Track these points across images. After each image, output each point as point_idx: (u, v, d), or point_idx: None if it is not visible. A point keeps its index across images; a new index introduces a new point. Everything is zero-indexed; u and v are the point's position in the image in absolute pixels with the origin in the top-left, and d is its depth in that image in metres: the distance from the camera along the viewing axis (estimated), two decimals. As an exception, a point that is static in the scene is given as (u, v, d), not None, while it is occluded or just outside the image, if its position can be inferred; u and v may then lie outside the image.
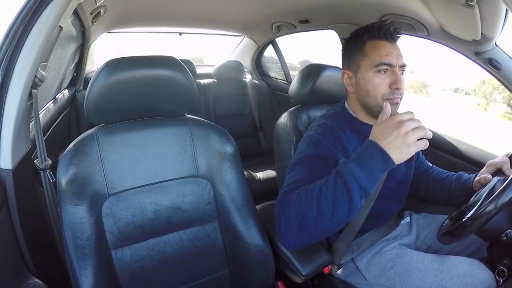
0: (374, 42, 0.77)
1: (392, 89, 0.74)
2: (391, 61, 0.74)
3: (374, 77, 0.75)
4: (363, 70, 0.77)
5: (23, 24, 0.66)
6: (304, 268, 0.80)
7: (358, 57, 0.78)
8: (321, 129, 0.80)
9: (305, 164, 0.73)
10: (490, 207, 0.62)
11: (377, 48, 0.76)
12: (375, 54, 0.75)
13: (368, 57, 0.76)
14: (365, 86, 0.77)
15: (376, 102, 0.76)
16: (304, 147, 0.77)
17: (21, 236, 0.69)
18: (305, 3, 1.40)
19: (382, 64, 0.74)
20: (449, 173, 0.93)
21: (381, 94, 0.75)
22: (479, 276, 0.69)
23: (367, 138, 0.60)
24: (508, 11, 0.79)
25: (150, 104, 0.75)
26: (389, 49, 0.75)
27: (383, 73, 0.75)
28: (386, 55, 0.74)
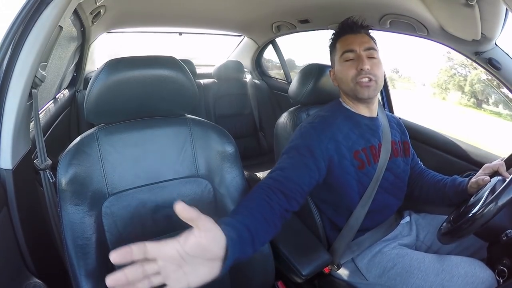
0: (342, 38, 0.89)
1: (358, 70, 0.82)
2: (352, 48, 0.84)
3: (343, 65, 0.86)
4: (337, 63, 0.89)
5: (23, 24, 0.66)
6: (304, 268, 0.80)
7: (333, 55, 0.92)
8: (312, 118, 0.86)
9: (290, 154, 0.78)
10: (490, 207, 0.62)
11: (343, 41, 0.88)
12: (342, 45, 0.87)
13: (338, 51, 0.88)
14: (339, 75, 0.88)
15: (348, 86, 0.85)
16: (293, 137, 0.82)
17: (21, 236, 0.69)
18: (305, 3, 1.40)
19: (345, 52, 0.85)
20: (443, 176, 0.95)
21: (350, 77, 0.84)
22: (479, 276, 0.69)
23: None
24: (508, 11, 0.79)
25: (150, 104, 0.75)
26: (351, 39, 0.86)
27: (351, 61, 0.84)
28: (348, 44, 0.86)
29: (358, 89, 0.83)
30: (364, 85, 0.82)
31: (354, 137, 0.84)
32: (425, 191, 0.96)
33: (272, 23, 1.85)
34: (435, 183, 0.94)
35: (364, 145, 0.85)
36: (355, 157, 0.82)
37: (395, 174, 0.89)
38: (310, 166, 0.76)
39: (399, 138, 0.95)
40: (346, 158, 0.81)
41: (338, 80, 0.90)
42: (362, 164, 0.83)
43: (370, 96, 0.84)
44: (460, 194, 0.85)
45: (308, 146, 0.77)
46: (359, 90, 0.83)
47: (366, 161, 0.83)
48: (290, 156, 0.77)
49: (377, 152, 0.86)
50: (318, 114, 0.88)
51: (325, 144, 0.79)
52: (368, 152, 0.85)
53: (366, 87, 0.82)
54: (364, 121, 0.88)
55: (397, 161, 0.90)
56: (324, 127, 0.82)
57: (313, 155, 0.76)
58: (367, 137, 0.86)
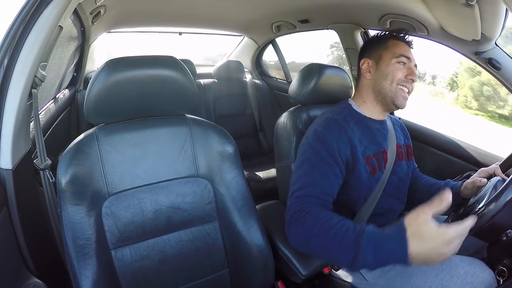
0: (396, 41, 0.87)
1: (407, 78, 0.83)
2: (410, 56, 0.84)
3: (395, 65, 0.84)
4: (385, 59, 0.85)
5: (23, 24, 0.66)
6: (304, 268, 0.80)
7: (381, 49, 0.87)
8: (326, 122, 0.82)
9: (314, 162, 0.75)
10: (490, 207, 0.62)
11: (398, 45, 0.86)
12: (397, 48, 0.85)
13: (390, 49, 0.85)
14: (385, 70, 0.84)
15: (392, 87, 0.83)
16: (311, 142, 0.79)
17: (21, 236, 0.69)
18: (305, 3, 1.40)
19: (403, 56, 0.83)
20: (437, 180, 0.96)
21: (397, 79, 0.82)
22: (479, 275, 0.69)
23: (403, 222, 0.53)
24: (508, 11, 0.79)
25: (150, 104, 0.75)
26: (407, 48, 0.86)
27: (402, 65, 0.83)
28: (405, 50, 0.85)
29: (398, 96, 0.83)
30: (405, 91, 0.83)
31: (365, 143, 0.83)
32: (419, 194, 0.96)
33: (272, 23, 1.85)
34: (429, 186, 0.94)
35: (376, 150, 0.84)
36: (367, 163, 0.81)
37: (399, 177, 0.89)
38: (337, 173, 0.76)
39: (403, 142, 0.95)
40: (360, 163, 0.80)
41: (379, 74, 0.85)
42: (373, 169, 0.82)
43: (402, 107, 0.85)
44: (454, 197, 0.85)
45: (330, 152, 0.76)
46: (399, 97, 0.83)
47: (377, 166, 0.83)
48: (315, 166, 0.75)
49: (387, 156, 0.86)
50: (331, 117, 0.83)
51: (344, 148, 0.78)
52: (380, 157, 0.84)
53: (404, 98, 0.84)
54: (375, 125, 0.87)
55: (401, 164, 0.90)
56: (340, 130, 0.80)
57: (337, 162, 0.76)
58: (379, 141, 0.86)
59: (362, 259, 0.55)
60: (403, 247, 0.51)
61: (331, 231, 0.60)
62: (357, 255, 0.55)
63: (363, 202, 0.83)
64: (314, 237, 0.63)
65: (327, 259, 0.67)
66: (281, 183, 1.04)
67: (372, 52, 0.89)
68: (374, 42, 0.90)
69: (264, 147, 2.14)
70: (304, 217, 0.66)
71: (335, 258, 0.63)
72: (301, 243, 0.67)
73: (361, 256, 0.55)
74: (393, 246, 0.52)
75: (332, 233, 0.60)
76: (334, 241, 0.59)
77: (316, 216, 0.65)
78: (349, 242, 0.57)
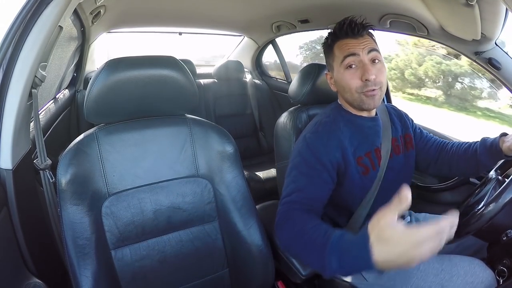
0: (339, 42, 0.80)
1: (363, 81, 0.75)
2: (355, 51, 0.76)
3: (345, 73, 0.78)
4: (336, 70, 0.81)
5: (23, 24, 0.66)
6: (304, 268, 0.80)
7: (330, 59, 0.83)
8: (315, 127, 0.81)
9: (301, 169, 0.74)
10: (490, 207, 0.62)
11: (342, 46, 0.79)
12: (340, 50, 0.79)
13: (336, 56, 0.80)
14: (340, 83, 0.80)
15: (352, 97, 0.79)
16: (300, 148, 0.78)
17: (21, 236, 0.69)
18: (305, 3, 1.39)
19: (347, 57, 0.77)
20: (469, 142, 0.88)
21: (354, 88, 0.77)
22: (479, 275, 0.69)
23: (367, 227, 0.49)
24: (508, 11, 0.79)
25: (150, 104, 0.75)
26: (352, 43, 0.78)
27: (353, 68, 0.77)
28: (349, 49, 0.77)
29: (364, 100, 0.77)
30: (369, 94, 0.76)
31: (356, 143, 0.81)
32: (455, 166, 0.88)
33: (272, 23, 1.85)
34: (463, 152, 0.87)
35: (368, 149, 0.82)
36: (359, 164, 0.80)
37: (396, 172, 0.86)
38: (326, 179, 0.74)
39: (400, 133, 0.90)
40: (352, 165, 0.78)
41: (339, 87, 0.82)
42: (366, 170, 0.80)
43: (376, 106, 0.79)
44: (495, 155, 0.79)
45: (319, 158, 0.74)
46: (365, 100, 0.77)
47: (370, 165, 0.81)
48: (302, 172, 0.74)
49: (380, 154, 0.84)
50: (320, 121, 0.82)
51: (333, 152, 0.76)
52: (373, 155, 0.82)
53: (371, 97, 0.76)
54: (366, 123, 0.84)
55: (398, 158, 0.87)
56: (330, 134, 0.78)
57: (326, 167, 0.74)
58: (372, 139, 0.83)
59: (328, 266, 0.52)
60: (366, 254, 0.47)
61: (304, 237, 0.59)
62: (323, 263, 0.53)
63: (359, 202, 0.82)
64: (292, 242, 0.62)
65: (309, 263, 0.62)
66: (281, 183, 1.04)
67: (328, 64, 0.86)
68: (325, 52, 0.86)
69: (264, 147, 2.15)
70: (286, 223, 0.66)
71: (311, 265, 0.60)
72: (286, 248, 0.67)
73: (327, 263, 0.52)
74: (356, 254, 0.49)
75: (304, 239, 0.59)
76: (306, 248, 0.58)
77: (294, 221, 0.65)
78: (317, 250, 0.55)
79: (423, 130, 0.96)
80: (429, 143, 0.94)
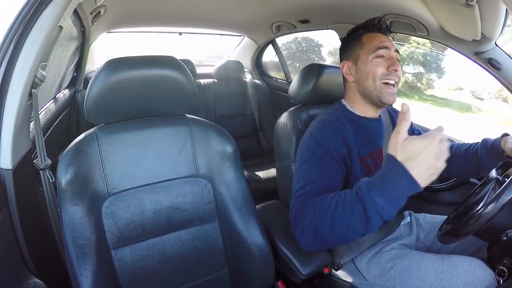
0: (370, 34, 0.83)
1: (389, 70, 0.79)
2: (387, 45, 0.81)
3: (374, 62, 0.81)
4: (363, 58, 0.82)
5: (23, 24, 0.66)
6: (304, 268, 0.80)
7: (357, 48, 0.84)
8: (320, 124, 0.81)
9: (312, 162, 0.74)
10: (490, 207, 0.62)
11: (373, 38, 0.83)
12: (372, 42, 0.82)
13: (366, 46, 0.82)
14: (365, 69, 0.82)
15: (375, 85, 0.80)
16: (307, 144, 0.78)
17: (21, 236, 0.69)
18: (305, 3, 1.40)
19: (379, 48, 0.80)
20: (470, 143, 0.88)
21: (379, 75, 0.80)
22: (479, 275, 0.69)
23: (388, 153, 0.52)
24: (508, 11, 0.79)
25: (150, 104, 0.75)
26: (383, 38, 0.83)
27: (381, 58, 0.80)
28: (382, 42, 0.81)
29: (384, 92, 0.79)
30: (390, 90, 0.79)
31: (360, 143, 0.81)
32: (455, 167, 0.89)
33: (272, 23, 1.85)
34: (464, 153, 0.88)
35: (371, 150, 0.83)
36: (362, 163, 0.81)
37: None
38: (337, 170, 0.74)
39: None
40: (356, 163, 0.79)
41: (360, 75, 0.82)
42: (368, 169, 0.81)
43: (393, 102, 0.81)
44: (497, 156, 0.80)
45: (327, 151, 0.75)
46: (385, 94, 0.79)
47: (372, 166, 0.82)
48: (313, 165, 0.73)
49: (382, 155, 0.84)
50: (325, 119, 0.83)
51: (340, 147, 0.77)
52: (375, 156, 0.83)
53: (391, 94, 0.79)
54: (370, 124, 0.85)
55: None
56: (335, 131, 0.79)
57: (335, 159, 0.75)
58: (375, 140, 0.84)
59: (373, 208, 0.52)
60: (405, 174, 0.49)
61: (331, 205, 0.59)
62: (365, 208, 0.52)
63: None
64: (319, 221, 0.60)
65: (341, 239, 0.59)
66: (281, 183, 1.04)
67: (350, 53, 0.86)
68: (350, 41, 0.87)
69: (264, 147, 2.15)
70: (304, 209, 0.64)
71: (348, 230, 0.56)
72: (312, 236, 0.62)
73: (369, 205, 0.52)
74: (395, 178, 0.50)
75: (333, 206, 0.58)
76: (337, 212, 0.57)
77: (313, 202, 0.63)
78: (352, 202, 0.55)
79: (421, 132, 0.97)
80: None
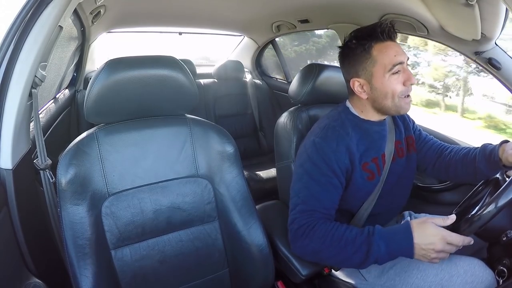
0: (379, 46, 0.75)
1: (407, 85, 0.76)
2: (401, 60, 0.75)
3: (391, 80, 0.75)
4: (378, 76, 0.76)
5: (23, 24, 0.66)
6: (304, 268, 0.80)
7: (368, 64, 0.77)
8: (323, 131, 0.79)
9: (314, 176, 0.75)
10: (490, 207, 0.62)
11: (385, 51, 0.75)
12: (385, 57, 0.75)
13: (379, 63, 0.75)
14: (383, 89, 0.76)
15: (394, 102, 0.77)
16: (309, 153, 0.77)
17: (21, 236, 0.69)
18: (305, 3, 1.39)
19: (397, 65, 0.74)
20: (469, 148, 0.87)
21: (398, 93, 0.76)
22: (479, 275, 0.69)
23: (408, 222, 0.67)
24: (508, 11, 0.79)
25: (150, 104, 0.75)
26: (395, 48, 0.75)
27: (397, 74, 0.75)
28: (395, 55, 0.74)
29: (403, 106, 0.77)
30: (408, 101, 0.77)
31: (363, 148, 0.80)
32: (453, 171, 0.88)
33: (272, 23, 1.85)
34: (462, 158, 0.86)
35: (375, 155, 0.82)
36: (364, 169, 0.80)
37: (398, 174, 0.86)
38: (337, 185, 0.76)
39: (404, 135, 0.90)
40: (357, 170, 0.78)
41: (377, 93, 0.77)
42: (372, 175, 0.80)
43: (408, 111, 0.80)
44: (494, 165, 0.78)
45: (329, 165, 0.75)
46: (404, 106, 0.77)
47: (376, 171, 0.81)
48: (315, 178, 0.75)
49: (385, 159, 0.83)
50: (328, 125, 0.80)
51: (342, 158, 0.76)
52: (379, 161, 0.82)
53: (409, 104, 0.78)
54: (374, 128, 0.82)
55: (401, 161, 0.87)
56: (338, 140, 0.77)
57: (336, 173, 0.75)
58: (379, 144, 0.83)
59: (376, 252, 0.64)
60: (409, 238, 0.63)
61: (343, 238, 0.68)
62: (369, 250, 0.65)
63: (361, 205, 0.82)
64: (325, 248, 0.69)
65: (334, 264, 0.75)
66: (281, 183, 1.04)
67: (358, 69, 0.78)
68: (357, 54, 0.77)
69: (264, 147, 2.14)
70: (312, 231, 0.71)
71: (345, 261, 0.69)
72: (310, 253, 0.73)
73: (374, 249, 0.64)
74: (401, 238, 0.65)
75: (344, 239, 0.68)
76: (346, 245, 0.67)
77: (325, 228, 0.70)
78: (361, 241, 0.66)
79: (422, 132, 0.96)
80: (427, 145, 0.94)
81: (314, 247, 0.71)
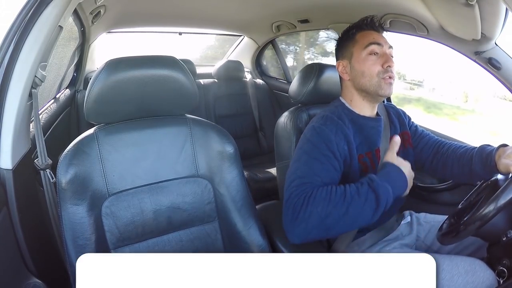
0: (363, 32, 0.84)
1: (384, 67, 0.79)
2: (379, 41, 0.81)
3: (367, 58, 0.81)
4: (356, 55, 0.83)
5: (23, 24, 0.66)
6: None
7: (350, 46, 0.85)
8: (323, 120, 0.81)
9: (313, 154, 0.74)
10: (490, 207, 0.62)
11: (366, 35, 0.83)
12: (365, 38, 0.82)
13: (359, 43, 0.83)
14: (359, 67, 0.82)
15: (371, 81, 0.80)
16: (309, 136, 0.78)
17: (21, 236, 0.69)
18: (305, 3, 1.39)
19: (372, 44, 0.81)
20: (468, 147, 0.86)
21: (376, 73, 0.80)
22: (479, 275, 0.69)
23: (387, 161, 0.71)
24: (508, 10, 0.79)
25: (150, 104, 0.75)
26: (376, 35, 0.83)
27: (375, 55, 0.81)
28: (374, 38, 0.82)
29: (382, 85, 0.79)
30: (388, 82, 0.79)
31: (358, 141, 0.81)
32: (449, 169, 0.88)
33: (272, 23, 1.85)
34: (459, 157, 0.86)
35: (369, 149, 0.83)
36: (360, 161, 0.80)
37: None
38: (336, 167, 0.74)
39: (399, 131, 0.91)
40: (355, 160, 0.79)
41: (355, 73, 0.82)
42: (365, 167, 0.81)
43: (390, 94, 0.82)
44: (489, 169, 0.77)
45: (328, 146, 0.75)
46: (383, 86, 0.79)
47: (370, 165, 0.81)
48: (314, 157, 0.73)
49: (379, 154, 0.84)
50: (327, 115, 0.82)
51: (342, 144, 0.77)
52: (373, 156, 0.83)
53: (389, 84, 0.80)
54: (369, 123, 0.84)
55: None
56: (337, 127, 0.79)
57: (335, 156, 0.75)
58: (373, 139, 0.84)
59: (385, 194, 0.64)
60: (400, 171, 0.68)
61: (346, 193, 0.65)
62: (378, 195, 0.64)
63: None
64: (332, 207, 0.64)
65: (344, 227, 0.65)
66: (281, 183, 1.04)
67: (344, 52, 0.86)
68: (344, 40, 0.87)
69: (264, 147, 2.14)
70: (311, 197, 0.65)
71: (357, 216, 0.64)
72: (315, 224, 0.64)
73: (383, 192, 0.64)
74: (395, 175, 0.68)
75: (348, 194, 0.65)
76: (353, 199, 0.64)
77: (325, 190, 0.66)
78: (365, 190, 0.65)
79: (418, 128, 0.97)
80: (423, 141, 0.94)
81: (320, 212, 0.63)
